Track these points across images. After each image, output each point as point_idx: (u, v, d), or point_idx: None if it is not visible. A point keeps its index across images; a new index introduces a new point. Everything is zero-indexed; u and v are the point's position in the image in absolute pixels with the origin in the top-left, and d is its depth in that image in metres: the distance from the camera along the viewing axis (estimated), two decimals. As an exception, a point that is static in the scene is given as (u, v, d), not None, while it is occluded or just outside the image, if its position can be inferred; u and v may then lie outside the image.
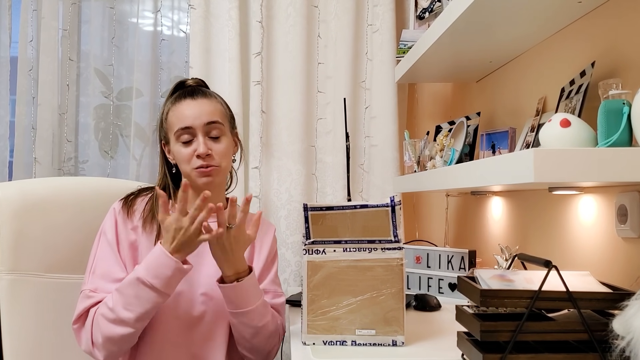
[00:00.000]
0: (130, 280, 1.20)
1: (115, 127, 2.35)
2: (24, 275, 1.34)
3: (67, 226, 1.46)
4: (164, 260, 1.19)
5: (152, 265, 1.20)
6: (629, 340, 0.76)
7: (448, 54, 1.57)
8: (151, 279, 1.19)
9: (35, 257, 1.38)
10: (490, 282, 0.96)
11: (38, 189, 1.43)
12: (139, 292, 1.19)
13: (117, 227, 1.33)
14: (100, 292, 1.26)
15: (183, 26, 2.41)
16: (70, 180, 1.54)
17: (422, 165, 1.78)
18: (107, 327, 1.21)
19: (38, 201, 1.41)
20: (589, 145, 0.96)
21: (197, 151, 1.32)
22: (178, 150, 1.34)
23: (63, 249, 1.44)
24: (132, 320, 1.20)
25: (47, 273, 1.39)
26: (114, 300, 1.21)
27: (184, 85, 1.42)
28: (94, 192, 1.52)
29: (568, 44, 1.32)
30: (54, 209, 1.43)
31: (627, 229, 1.07)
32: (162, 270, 1.19)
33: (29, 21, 2.25)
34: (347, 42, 2.26)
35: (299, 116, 2.22)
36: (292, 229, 2.20)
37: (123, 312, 1.19)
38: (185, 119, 1.33)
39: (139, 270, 1.21)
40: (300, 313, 1.22)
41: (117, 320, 1.20)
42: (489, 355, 0.89)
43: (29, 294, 1.35)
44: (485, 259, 1.75)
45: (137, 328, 1.22)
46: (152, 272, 1.19)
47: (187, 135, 1.33)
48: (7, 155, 2.26)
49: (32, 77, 2.24)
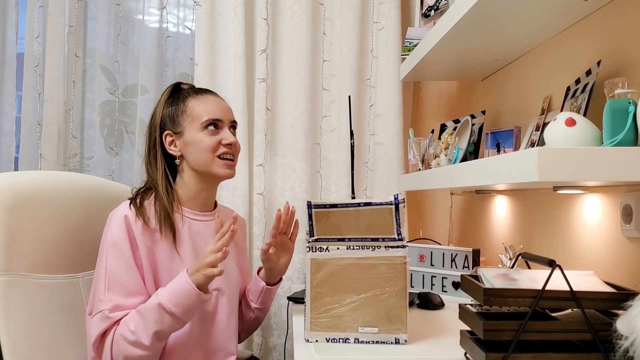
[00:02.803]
0: (152, 305, 1.21)
1: (120, 123, 2.35)
2: (16, 276, 1.26)
3: (50, 223, 1.37)
4: (187, 290, 1.21)
5: (175, 293, 1.21)
6: (632, 341, 0.76)
7: (453, 52, 1.57)
8: (172, 307, 1.20)
9: (26, 256, 1.29)
10: (494, 281, 0.96)
11: (25, 183, 1.33)
12: (160, 317, 1.20)
13: (132, 236, 1.28)
14: (119, 310, 1.24)
15: (189, 23, 2.41)
16: (50, 174, 1.44)
17: (426, 164, 1.78)
18: (127, 348, 1.21)
19: (27, 196, 1.31)
20: (594, 145, 0.95)
21: (225, 140, 1.37)
22: (201, 138, 1.36)
23: (49, 249, 1.36)
24: (151, 344, 1.21)
25: (33, 273, 1.30)
26: (135, 323, 1.21)
27: (180, 88, 1.45)
28: (73, 189, 1.45)
29: (574, 42, 1.31)
30: (41, 205, 1.34)
31: (632, 228, 1.06)
32: (185, 300, 1.21)
33: (35, 17, 2.26)
34: (353, 40, 2.26)
35: (304, 114, 2.22)
36: (296, 227, 2.20)
37: (143, 335, 1.20)
38: (216, 111, 1.38)
39: (162, 296, 1.21)
40: (303, 310, 1.23)
41: (137, 343, 1.20)
42: (492, 354, 0.89)
43: (22, 296, 1.27)
44: (489, 258, 1.74)
45: (155, 350, 1.24)
46: (174, 300, 1.20)
47: (214, 126, 1.37)
48: (13, 150, 2.27)
49: (38, 73, 2.25)
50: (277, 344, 2.19)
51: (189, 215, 1.38)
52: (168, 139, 1.39)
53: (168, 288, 1.23)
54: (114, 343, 1.22)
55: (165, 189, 1.36)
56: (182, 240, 1.35)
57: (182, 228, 1.35)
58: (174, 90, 1.44)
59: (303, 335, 1.21)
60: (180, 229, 1.35)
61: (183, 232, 1.35)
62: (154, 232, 1.31)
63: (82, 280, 1.44)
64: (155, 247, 1.31)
